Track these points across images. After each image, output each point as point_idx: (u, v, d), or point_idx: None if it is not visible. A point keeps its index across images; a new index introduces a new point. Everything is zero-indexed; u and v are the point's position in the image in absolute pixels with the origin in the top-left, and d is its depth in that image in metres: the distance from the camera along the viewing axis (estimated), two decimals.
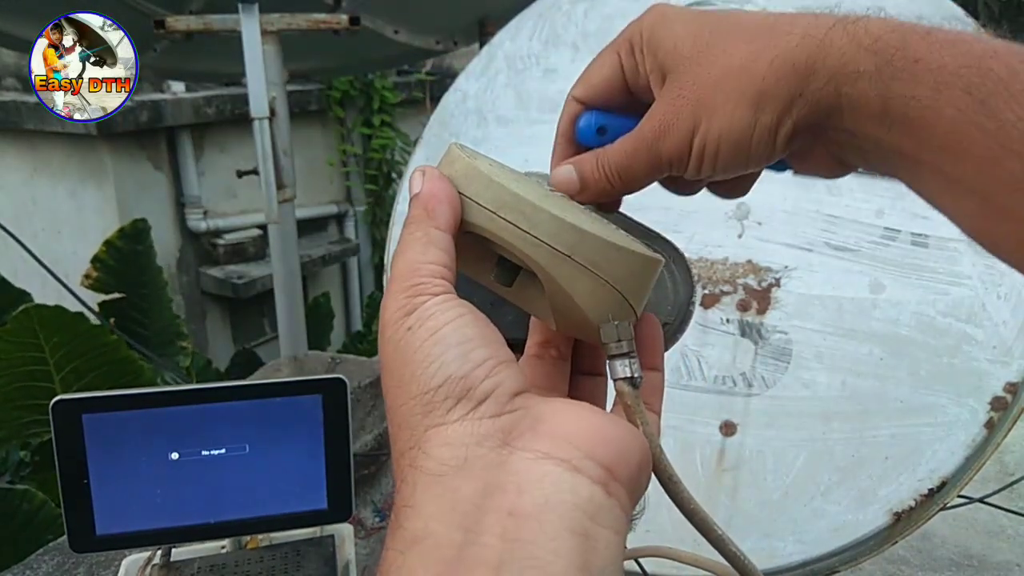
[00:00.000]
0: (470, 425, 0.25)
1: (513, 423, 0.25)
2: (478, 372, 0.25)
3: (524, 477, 0.24)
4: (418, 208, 0.29)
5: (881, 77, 0.27)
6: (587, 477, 0.24)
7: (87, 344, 2.03)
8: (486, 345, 0.26)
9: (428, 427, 0.25)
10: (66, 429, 0.67)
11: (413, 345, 0.26)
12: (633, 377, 0.29)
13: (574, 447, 0.24)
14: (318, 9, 1.64)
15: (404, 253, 0.29)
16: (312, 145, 4.79)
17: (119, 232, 2.95)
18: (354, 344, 3.88)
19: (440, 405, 0.25)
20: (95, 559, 1.27)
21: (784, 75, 0.29)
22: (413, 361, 0.26)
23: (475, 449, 0.24)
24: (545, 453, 0.24)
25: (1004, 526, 1.59)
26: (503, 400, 0.25)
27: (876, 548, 0.68)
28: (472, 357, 0.25)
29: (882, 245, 0.71)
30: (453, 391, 0.25)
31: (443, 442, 0.24)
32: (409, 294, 0.27)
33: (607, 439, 0.25)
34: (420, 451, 0.25)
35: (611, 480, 0.25)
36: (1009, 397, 0.65)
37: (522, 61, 0.89)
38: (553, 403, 0.26)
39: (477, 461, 0.24)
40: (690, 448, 0.73)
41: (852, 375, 0.70)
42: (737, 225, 0.75)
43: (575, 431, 0.25)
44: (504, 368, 0.26)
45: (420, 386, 0.25)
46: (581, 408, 0.26)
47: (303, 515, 0.75)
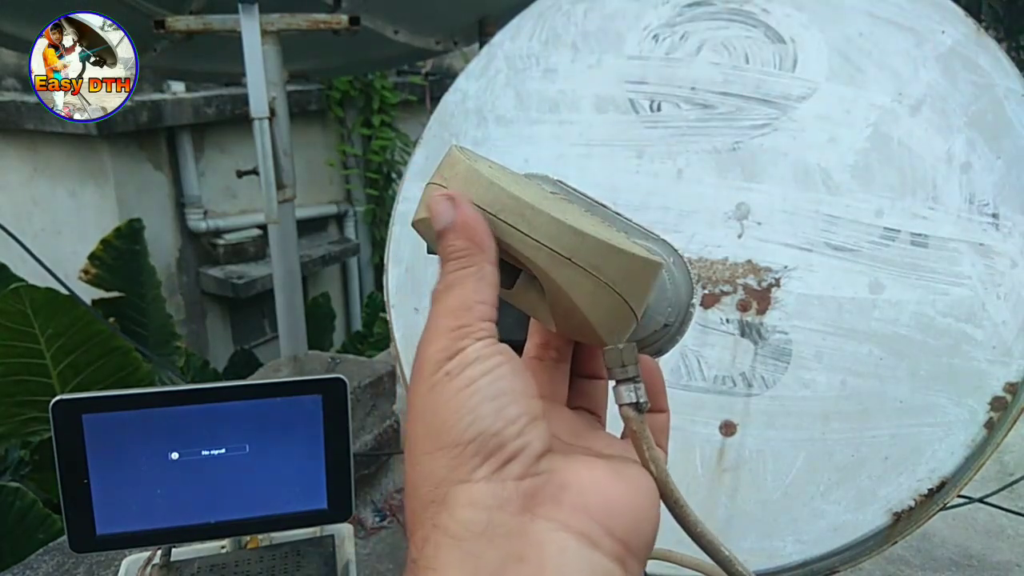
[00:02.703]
0: (495, 486, 0.24)
1: (536, 488, 0.25)
2: (511, 430, 0.25)
3: (545, 549, 0.24)
4: (463, 239, 0.27)
5: None
6: (605, 554, 0.24)
7: (82, 334, 2.03)
8: (521, 401, 0.26)
9: (454, 482, 0.25)
10: (66, 429, 0.67)
11: (449, 393, 0.25)
12: (639, 403, 0.29)
13: (593, 519, 0.25)
14: (318, 9, 1.64)
15: (455, 288, 0.27)
16: (312, 145, 4.79)
17: (115, 231, 2.96)
18: (354, 344, 3.88)
19: (469, 461, 0.25)
20: (95, 559, 1.27)
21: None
22: (447, 410, 0.25)
23: (498, 514, 0.24)
24: (565, 524, 0.24)
25: (1004, 526, 1.59)
26: (529, 462, 0.25)
27: (876, 548, 0.68)
28: (506, 414, 0.25)
29: (882, 245, 0.71)
30: (484, 448, 0.25)
31: (467, 502, 0.24)
32: (455, 336, 0.26)
33: (624, 511, 0.26)
34: (444, 509, 0.25)
35: (627, 555, 0.25)
36: (1009, 397, 0.65)
37: (522, 61, 0.89)
38: (575, 467, 0.26)
39: (499, 527, 0.24)
40: (690, 448, 0.73)
41: (852, 375, 0.70)
42: (737, 225, 0.75)
43: (595, 502, 0.25)
44: (534, 427, 0.26)
45: (452, 438, 0.25)
46: (601, 473, 0.26)
47: (303, 515, 0.75)
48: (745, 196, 0.76)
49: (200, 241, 4.23)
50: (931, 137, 0.71)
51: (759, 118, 0.76)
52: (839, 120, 0.74)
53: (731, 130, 0.77)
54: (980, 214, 0.68)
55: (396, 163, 5.11)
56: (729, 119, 0.77)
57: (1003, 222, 0.68)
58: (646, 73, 0.82)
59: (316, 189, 4.80)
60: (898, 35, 0.74)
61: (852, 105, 0.74)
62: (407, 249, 0.90)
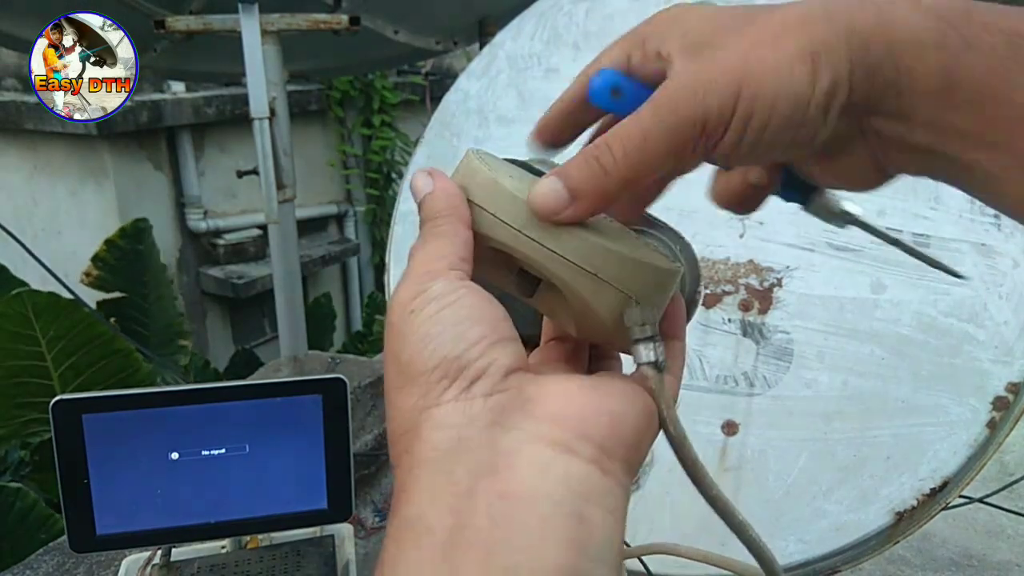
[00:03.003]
0: (462, 405, 0.24)
1: (505, 402, 0.25)
2: (472, 351, 0.25)
3: (516, 459, 0.23)
4: (441, 202, 0.29)
5: (948, 47, 0.23)
6: (580, 458, 0.24)
7: (83, 336, 2.03)
8: (483, 323, 0.26)
9: (423, 409, 0.25)
10: (66, 429, 0.67)
11: (413, 327, 0.26)
12: (657, 361, 0.28)
13: (567, 427, 0.24)
14: (318, 9, 1.64)
15: (427, 243, 0.28)
16: (312, 145, 4.79)
17: (120, 231, 2.96)
18: (354, 344, 3.88)
19: (435, 386, 0.25)
20: (95, 559, 1.27)
21: (843, 36, 0.24)
22: (411, 343, 0.26)
23: (466, 430, 0.24)
24: (537, 434, 0.24)
25: (1004, 526, 1.59)
26: (496, 378, 0.25)
27: (877, 548, 0.68)
28: (468, 336, 0.25)
29: (883, 245, 0.70)
30: (448, 371, 0.25)
31: (436, 424, 0.24)
32: (422, 279, 0.27)
33: (599, 416, 0.25)
34: (415, 436, 0.25)
35: (605, 458, 0.24)
36: (1011, 397, 0.65)
37: (523, 61, 0.89)
38: (547, 380, 0.26)
39: (468, 442, 0.24)
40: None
41: (854, 375, 0.70)
42: (739, 225, 0.75)
43: (568, 410, 0.25)
44: (499, 346, 0.26)
45: (417, 368, 0.25)
46: (574, 384, 0.26)
47: (303, 515, 0.75)
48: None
49: (200, 241, 4.23)
50: None
51: None
52: None
53: None
54: (982, 214, 0.68)
55: (396, 163, 5.11)
56: None
57: (1005, 222, 0.68)
58: None
59: (316, 189, 4.80)
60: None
61: None
62: (407, 249, 0.90)
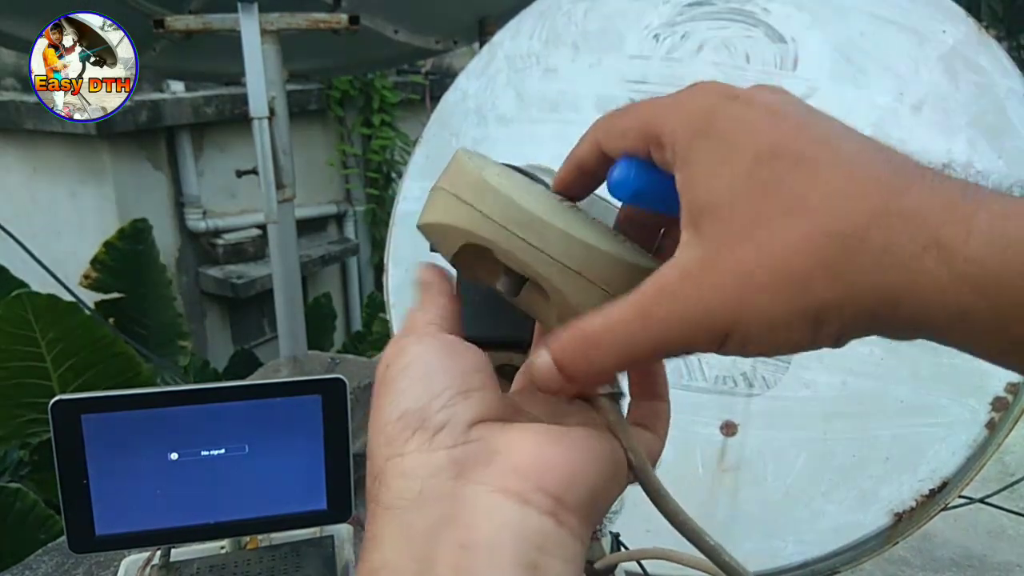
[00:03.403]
0: (425, 456, 0.25)
1: (468, 455, 0.25)
2: (435, 403, 0.26)
3: (476, 510, 0.24)
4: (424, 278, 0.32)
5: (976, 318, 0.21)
6: (535, 508, 0.24)
7: (83, 338, 2.03)
8: (449, 374, 0.27)
9: (388, 457, 0.26)
10: (65, 429, 0.67)
11: (387, 380, 0.28)
12: (614, 392, 0.29)
13: (524, 479, 0.25)
14: (318, 9, 1.63)
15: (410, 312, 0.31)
16: (312, 145, 4.78)
17: (119, 233, 2.95)
18: (354, 344, 3.88)
19: (399, 436, 0.26)
20: (94, 559, 1.27)
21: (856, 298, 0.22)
22: (382, 395, 0.27)
23: (429, 481, 0.25)
24: (496, 485, 0.25)
25: (1005, 526, 1.59)
26: (458, 431, 0.26)
27: (877, 548, 0.68)
28: (432, 388, 0.26)
29: None
30: (411, 422, 0.26)
31: (400, 473, 0.25)
32: (399, 338, 0.29)
33: (556, 467, 0.25)
34: (382, 484, 0.26)
35: (561, 509, 0.25)
36: (1010, 397, 0.65)
37: (522, 60, 0.89)
38: (511, 432, 0.26)
39: (432, 492, 0.25)
40: (691, 448, 0.73)
41: (853, 375, 0.70)
42: None
43: (527, 462, 0.25)
44: (463, 398, 0.26)
45: (384, 418, 0.27)
46: (537, 436, 0.26)
47: (303, 515, 0.75)
48: None
49: (199, 241, 4.23)
50: (932, 137, 0.71)
51: None
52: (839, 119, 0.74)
53: None
54: None
55: (396, 163, 5.11)
56: None
57: None
58: (647, 73, 0.81)
59: (316, 189, 4.80)
60: (899, 35, 0.74)
61: (853, 105, 0.74)
62: (407, 249, 0.90)
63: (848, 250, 0.22)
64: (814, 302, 0.23)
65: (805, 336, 0.23)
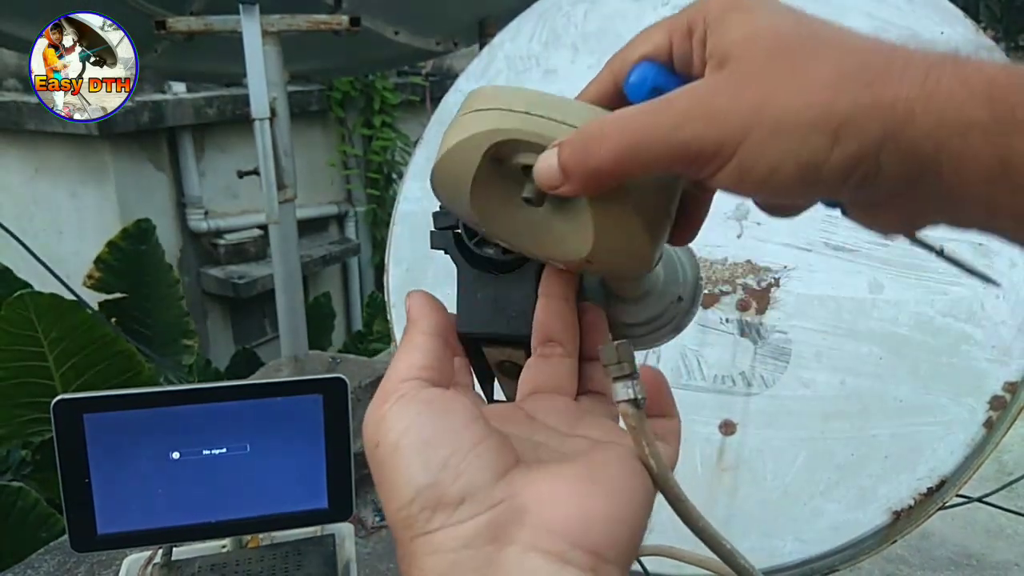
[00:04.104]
0: (453, 531, 0.24)
1: (497, 517, 0.25)
2: (444, 476, 0.25)
3: (513, 574, 0.24)
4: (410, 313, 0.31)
5: (1000, 130, 0.22)
6: (576, 567, 0.24)
7: (85, 337, 2.03)
8: (445, 442, 0.26)
9: (413, 537, 0.25)
10: (67, 429, 0.68)
11: (381, 462, 0.27)
12: (636, 399, 0.28)
13: (561, 537, 0.24)
14: (319, 10, 1.64)
15: (391, 362, 0.30)
16: (313, 146, 4.79)
17: (122, 232, 2.95)
18: (355, 344, 3.88)
19: (418, 517, 0.25)
20: (96, 558, 1.27)
21: (877, 111, 0.23)
22: (386, 479, 0.26)
23: (463, 552, 0.24)
24: (532, 545, 0.24)
25: (1003, 525, 1.59)
26: (481, 497, 0.25)
27: (875, 547, 0.69)
28: (434, 461, 0.25)
29: (881, 245, 0.71)
30: (427, 503, 0.25)
31: (431, 551, 0.25)
32: (378, 402, 0.28)
33: (593, 522, 0.25)
34: (413, 563, 0.25)
35: (601, 563, 0.24)
36: (1008, 396, 0.66)
37: (522, 62, 0.89)
38: (538, 482, 0.26)
39: (467, 563, 0.24)
40: (690, 447, 0.73)
41: (851, 374, 0.70)
42: (736, 225, 0.76)
43: (560, 518, 0.25)
44: (472, 461, 0.25)
45: (397, 504, 0.26)
46: (565, 487, 0.26)
47: (304, 514, 0.76)
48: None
49: (201, 241, 4.23)
50: None
51: None
52: None
53: None
54: None
55: (397, 163, 5.12)
56: None
57: None
58: None
59: (317, 189, 4.81)
60: (897, 36, 0.74)
61: None
62: (408, 249, 0.90)
63: (869, 65, 0.24)
64: (834, 112, 0.23)
65: (818, 154, 0.24)
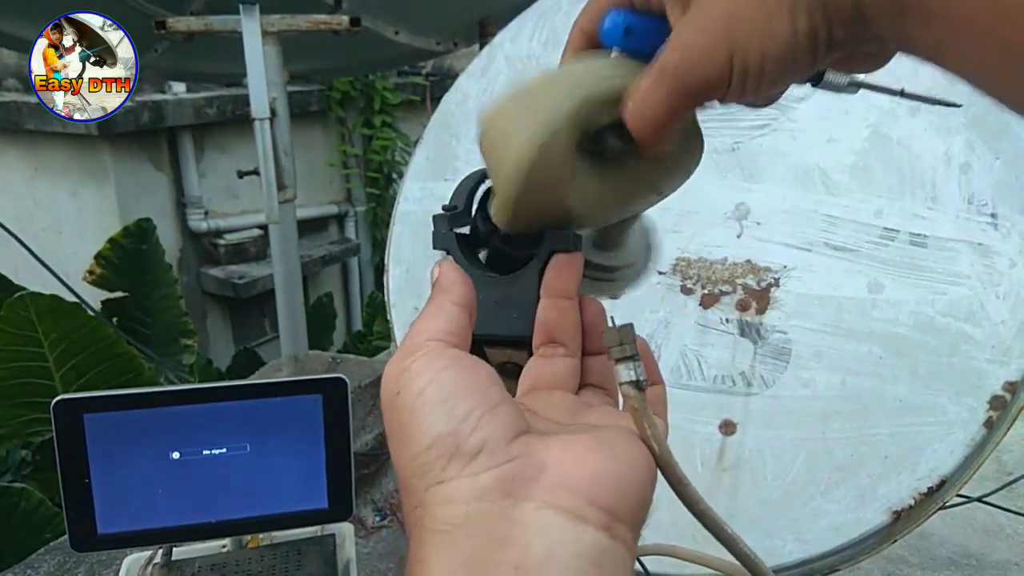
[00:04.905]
0: (467, 481, 0.25)
1: (514, 472, 0.25)
2: (464, 427, 0.25)
3: (528, 529, 0.24)
4: (435, 287, 0.31)
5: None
6: (590, 524, 0.24)
7: (86, 338, 2.03)
8: (469, 396, 0.26)
9: (427, 487, 0.25)
10: (67, 429, 0.68)
11: (402, 409, 0.27)
12: (638, 380, 0.29)
13: (576, 494, 0.25)
14: (319, 10, 1.64)
15: (417, 320, 0.30)
16: (313, 146, 4.79)
17: (124, 230, 2.95)
18: (355, 344, 3.88)
19: (434, 464, 0.25)
20: (96, 558, 1.27)
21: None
22: (404, 424, 0.26)
23: (476, 504, 0.24)
24: (546, 502, 0.24)
25: (1003, 525, 1.59)
26: (498, 450, 0.25)
27: (876, 547, 0.69)
28: (456, 412, 0.26)
29: (881, 245, 0.71)
30: (444, 450, 0.25)
31: (444, 500, 0.25)
32: (403, 354, 0.28)
33: (606, 480, 0.25)
34: (426, 512, 0.25)
35: (614, 522, 0.25)
36: (1008, 396, 0.66)
37: (522, 62, 0.89)
38: (553, 445, 0.26)
39: (480, 514, 0.24)
40: (690, 447, 0.73)
41: (851, 374, 0.70)
42: (736, 225, 0.76)
43: (577, 476, 0.25)
44: (491, 417, 0.26)
45: (413, 449, 0.26)
46: (580, 449, 0.26)
47: (304, 514, 0.76)
48: (744, 196, 0.76)
49: (201, 241, 4.23)
50: (930, 138, 0.71)
51: (758, 118, 0.76)
52: (838, 121, 0.74)
53: (730, 130, 0.77)
54: (979, 214, 0.68)
55: (397, 163, 5.12)
56: (728, 119, 0.78)
57: (1002, 222, 0.68)
58: None
59: (317, 189, 4.81)
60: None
61: (851, 106, 0.74)
62: (407, 249, 0.90)
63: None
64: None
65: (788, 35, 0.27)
